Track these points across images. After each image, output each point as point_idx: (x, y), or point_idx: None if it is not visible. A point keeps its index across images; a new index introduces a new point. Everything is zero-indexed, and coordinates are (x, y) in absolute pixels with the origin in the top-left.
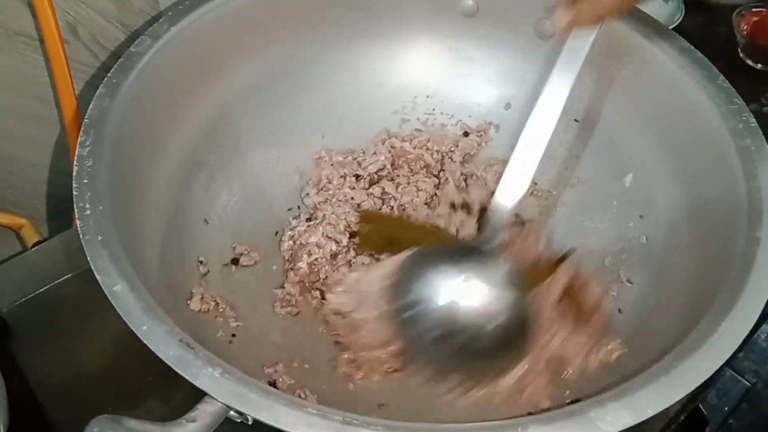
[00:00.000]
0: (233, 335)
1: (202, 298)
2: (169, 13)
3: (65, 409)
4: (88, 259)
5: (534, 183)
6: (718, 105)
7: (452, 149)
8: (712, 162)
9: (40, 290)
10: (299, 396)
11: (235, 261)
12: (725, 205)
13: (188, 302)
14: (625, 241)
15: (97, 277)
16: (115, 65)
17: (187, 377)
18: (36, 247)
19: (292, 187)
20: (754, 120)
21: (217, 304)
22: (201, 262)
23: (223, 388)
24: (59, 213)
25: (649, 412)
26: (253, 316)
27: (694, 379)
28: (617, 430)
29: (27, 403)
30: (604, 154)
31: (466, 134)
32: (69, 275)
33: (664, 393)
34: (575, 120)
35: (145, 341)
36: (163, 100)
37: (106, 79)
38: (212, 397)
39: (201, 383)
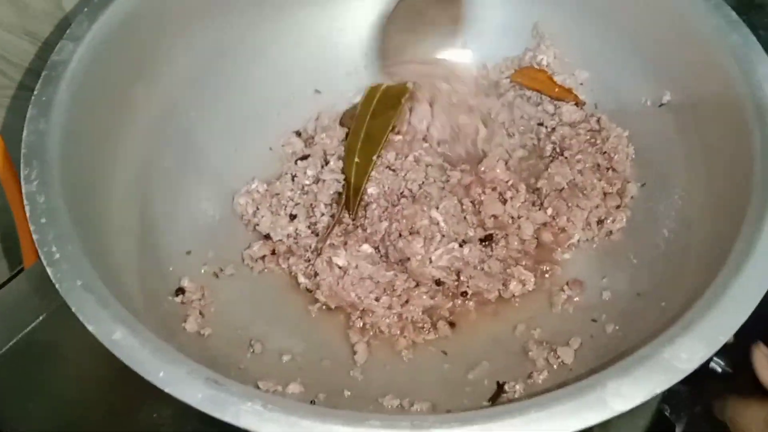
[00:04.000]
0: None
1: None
2: (86, 10)
3: None
4: (73, 309)
5: None
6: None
7: None
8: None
9: (11, 343)
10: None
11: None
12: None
13: (183, 325)
14: None
15: (89, 328)
16: (40, 79)
17: (226, 419)
18: None
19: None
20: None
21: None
22: (180, 289)
23: (271, 422)
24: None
25: (722, 339)
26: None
27: (761, 285)
28: (696, 366)
29: None
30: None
31: None
32: (39, 319)
33: (733, 312)
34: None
35: (166, 390)
36: (102, 109)
37: (33, 97)
38: None
39: (245, 422)
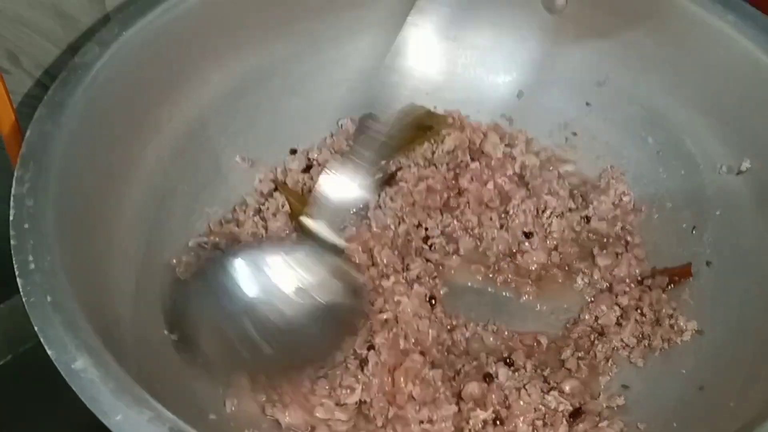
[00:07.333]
0: None
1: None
2: (119, 15)
3: None
4: (35, 328)
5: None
6: None
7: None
8: None
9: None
10: None
11: None
12: None
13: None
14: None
15: (48, 351)
16: (57, 80)
17: None
18: None
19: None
20: None
21: None
22: None
23: None
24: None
25: None
26: None
27: None
28: None
29: None
30: (643, 137)
31: None
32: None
33: None
34: (586, 103)
35: None
36: (120, 120)
37: (45, 97)
38: None
39: None
